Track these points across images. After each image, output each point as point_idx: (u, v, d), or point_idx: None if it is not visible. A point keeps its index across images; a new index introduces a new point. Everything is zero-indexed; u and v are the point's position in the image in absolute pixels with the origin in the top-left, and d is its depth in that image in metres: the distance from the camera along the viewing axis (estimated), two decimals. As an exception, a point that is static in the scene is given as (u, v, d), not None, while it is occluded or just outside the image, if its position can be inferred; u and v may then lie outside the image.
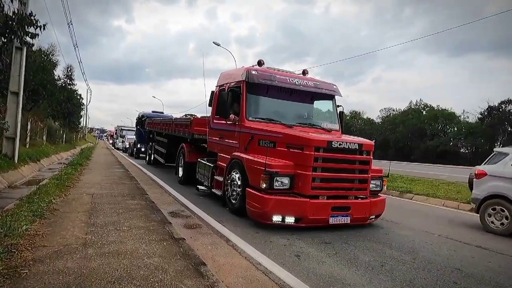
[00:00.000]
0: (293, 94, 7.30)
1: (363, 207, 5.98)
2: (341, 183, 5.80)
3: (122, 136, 36.01)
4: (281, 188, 5.56)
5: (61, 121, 31.76)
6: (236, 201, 6.44)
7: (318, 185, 5.57)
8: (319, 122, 7.46)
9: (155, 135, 16.19)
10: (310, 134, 6.03)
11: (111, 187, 8.41)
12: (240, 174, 6.39)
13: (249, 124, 6.66)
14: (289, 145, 5.82)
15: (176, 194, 8.47)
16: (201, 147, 10.35)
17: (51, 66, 30.63)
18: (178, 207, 6.93)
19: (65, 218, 4.98)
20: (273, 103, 7.28)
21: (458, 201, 10.68)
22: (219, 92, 8.21)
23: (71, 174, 9.99)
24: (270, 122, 6.80)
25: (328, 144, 5.60)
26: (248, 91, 6.91)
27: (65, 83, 37.22)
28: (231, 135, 7.19)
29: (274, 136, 6.02)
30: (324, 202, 5.60)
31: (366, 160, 5.99)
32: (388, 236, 5.77)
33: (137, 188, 8.67)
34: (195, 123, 9.71)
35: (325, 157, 5.58)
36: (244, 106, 6.82)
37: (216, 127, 8.01)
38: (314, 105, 7.94)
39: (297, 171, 5.61)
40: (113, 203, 6.41)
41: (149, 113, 23.12)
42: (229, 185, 6.72)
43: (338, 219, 5.71)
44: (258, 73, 6.89)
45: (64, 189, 7.36)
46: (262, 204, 5.48)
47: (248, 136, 6.54)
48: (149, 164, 17.03)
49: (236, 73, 7.47)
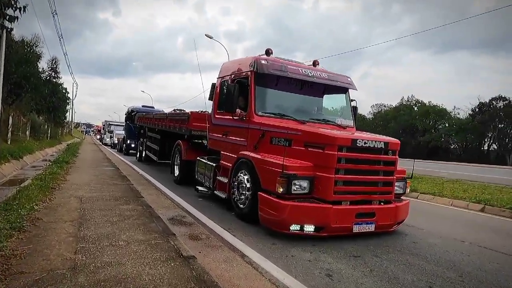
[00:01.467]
0: (305, 87, 6.62)
1: (389, 212, 5.37)
2: (365, 187, 5.16)
3: (110, 132, 34.80)
4: (300, 193, 4.89)
5: (45, 115, 30.46)
6: (245, 206, 5.76)
7: (341, 189, 4.92)
8: (333, 118, 6.82)
9: (146, 131, 15.34)
10: (333, 131, 5.37)
11: (102, 189, 7.62)
12: (249, 176, 5.70)
13: (259, 119, 5.96)
14: (307, 143, 5.15)
15: (174, 196, 7.73)
16: (200, 144, 9.63)
17: (35, 58, 29.22)
18: (178, 212, 6.21)
19: (50, 230, 4.21)
20: (283, 97, 6.60)
21: (467, 201, 10.20)
22: (221, 84, 7.48)
23: (57, 173, 9.13)
24: (282, 117, 6.12)
25: (352, 142, 4.94)
26: (257, 83, 6.20)
27: (49, 76, 35.73)
28: (237, 132, 6.48)
29: (290, 134, 5.33)
30: (348, 208, 4.95)
31: (392, 160, 5.37)
32: (417, 245, 5.16)
33: (130, 189, 7.89)
34: (193, 118, 8.95)
35: (349, 158, 4.93)
36: (253, 100, 6.11)
37: (219, 123, 7.29)
38: (324, 99, 7.28)
39: (317, 173, 4.94)
40: (105, 208, 5.64)
41: (139, 107, 22.23)
42: (236, 188, 6.03)
43: (362, 227, 5.07)
44: (268, 63, 6.18)
45: (48, 192, 6.55)
46: (278, 210, 4.81)
47: (258, 133, 5.84)
48: (140, 161, 16.19)
49: (242, 63, 6.74)
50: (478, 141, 45.96)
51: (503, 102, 42.27)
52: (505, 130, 42.82)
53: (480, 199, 9.86)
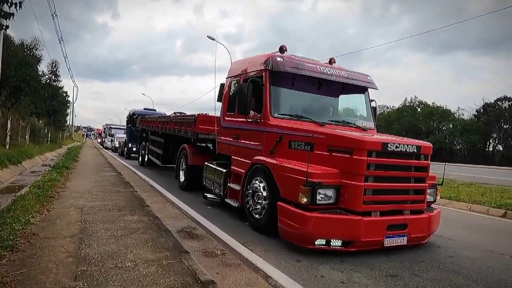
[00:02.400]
0: (322, 86, 6.13)
1: (422, 223, 4.86)
2: (396, 195, 4.67)
3: (111, 135, 34.28)
4: (325, 203, 4.39)
5: (45, 119, 30.04)
6: (261, 216, 5.26)
7: (371, 198, 4.42)
8: (353, 120, 6.33)
9: (149, 134, 14.84)
10: (361, 134, 4.88)
11: (104, 197, 7.12)
12: (265, 183, 5.21)
13: (276, 122, 5.46)
14: (332, 148, 4.65)
15: (181, 204, 7.23)
16: (207, 148, 9.14)
17: (35, 61, 28.85)
18: (187, 222, 5.71)
19: (47, 248, 3.71)
20: (299, 97, 6.11)
21: (486, 205, 9.72)
22: (230, 84, 7.00)
23: (56, 180, 8.63)
24: (299, 119, 5.63)
25: (383, 146, 4.45)
26: (272, 82, 5.72)
27: (50, 79, 35.36)
28: (250, 135, 5.99)
29: (312, 137, 4.83)
30: (379, 220, 4.45)
31: (425, 166, 4.87)
32: (455, 260, 4.65)
33: (134, 197, 7.40)
34: (200, 120, 8.46)
35: (379, 163, 4.44)
36: (268, 100, 5.62)
37: (229, 126, 6.79)
38: (339, 99, 6.79)
39: (343, 181, 4.45)
40: (108, 220, 5.15)
41: (141, 110, 21.74)
42: (250, 196, 5.53)
43: (394, 240, 4.57)
44: (284, 60, 5.70)
45: (46, 201, 6.05)
46: (302, 223, 4.31)
47: (275, 137, 5.35)
48: (142, 165, 15.68)
49: (254, 61, 6.26)
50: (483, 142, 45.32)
51: (508, 103, 41.81)
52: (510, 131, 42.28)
53: (501, 204, 9.39)
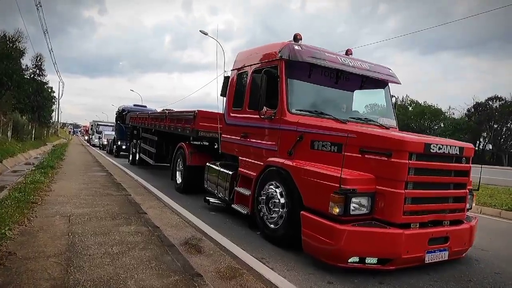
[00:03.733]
0: (340, 79, 5.49)
1: (463, 235, 4.27)
2: (436, 204, 4.06)
3: (98, 132, 33.12)
4: (358, 214, 3.76)
5: (29, 115, 28.71)
6: (278, 227, 4.60)
7: (411, 208, 3.80)
8: (375, 117, 5.72)
9: (140, 131, 14.02)
10: (401, 134, 4.26)
11: (94, 202, 6.35)
12: (283, 189, 4.55)
13: (294, 118, 4.80)
14: (365, 149, 4.01)
15: (181, 209, 6.51)
16: (207, 147, 8.43)
17: (17, 54, 27.55)
18: (191, 232, 5.01)
19: (25, 274, 2.97)
20: (317, 91, 5.47)
21: (498, 208, 9.33)
22: (237, 77, 6.31)
23: (40, 181, 7.80)
24: (318, 116, 4.99)
25: (425, 148, 3.83)
26: (288, 74, 5.06)
27: (34, 74, 33.93)
28: (262, 134, 5.32)
29: (340, 136, 4.19)
30: (421, 233, 3.83)
31: (466, 170, 4.28)
32: (503, 277, 4.09)
33: (128, 201, 6.65)
34: (200, 117, 7.73)
35: (419, 167, 3.82)
36: (285, 94, 4.95)
37: (236, 123, 6.10)
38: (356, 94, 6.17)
39: (379, 188, 3.82)
40: (101, 232, 4.41)
41: (131, 106, 20.87)
42: (264, 203, 4.87)
43: (436, 256, 3.96)
44: (302, 49, 5.04)
45: (28, 208, 5.27)
46: (332, 237, 3.66)
47: (294, 136, 4.69)
48: (133, 164, 14.82)
49: (266, 51, 5.57)
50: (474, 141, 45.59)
51: (499, 102, 42.11)
52: (500, 130, 42.62)
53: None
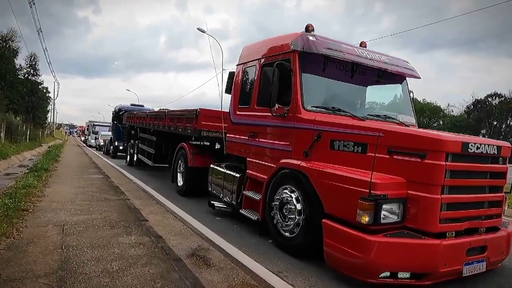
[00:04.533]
0: (356, 73, 5.07)
1: (501, 243, 3.86)
2: (472, 210, 3.65)
3: (95, 133, 32.59)
4: (389, 222, 3.35)
5: (23, 115, 28.09)
6: (294, 236, 4.18)
7: (447, 215, 3.39)
8: (393, 114, 5.30)
9: (138, 131, 13.55)
10: (436, 132, 3.85)
11: (91, 208, 5.90)
12: (300, 194, 4.13)
13: (311, 116, 4.37)
14: (394, 149, 3.59)
15: (184, 214, 6.07)
16: (210, 147, 8.00)
17: (11, 54, 26.93)
18: (197, 241, 4.58)
19: (10, 301, 2.54)
20: (332, 86, 5.05)
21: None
22: (243, 72, 5.89)
23: (32, 186, 7.33)
24: (334, 113, 4.57)
25: (463, 148, 3.42)
26: (302, 68, 4.63)
27: (28, 74, 33.27)
28: (274, 133, 4.89)
29: (365, 135, 3.77)
30: (459, 243, 3.42)
31: (503, 171, 3.87)
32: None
33: (127, 207, 6.20)
34: (203, 116, 7.30)
35: (456, 169, 3.41)
36: (299, 90, 4.52)
37: (242, 122, 5.67)
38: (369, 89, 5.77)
39: (411, 193, 3.41)
40: (98, 245, 3.97)
41: (128, 106, 20.35)
42: (277, 209, 4.45)
43: (473, 268, 3.55)
44: (317, 40, 4.62)
45: (17, 217, 4.81)
46: (361, 250, 3.24)
47: (311, 135, 4.26)
48: (131, 165, 14.36)
49: (277, 43, 5.14)
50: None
51: (498, 99, 41.97)
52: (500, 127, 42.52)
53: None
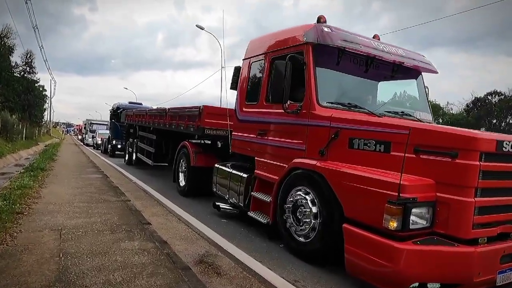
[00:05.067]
0: (371, 67, 4.77)
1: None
2: (504, 213, 3.38)
3: (92, 131, 32.14)
4: (418, 228, 3.07)
5: (19, 114, 27.66)
6: (309, 241, 3.90)
7: (481, 219, 3.11)
8: (411, 111, 5.02)
9: (137, 130, 13.21)
10: (466, 129, 3.57)
11: (90, 210, 5.59)
12: (315, 196, 3.85)
13: (326, 112, 4.08)
14: (422, 148, 3.29)
15: (188, 217, 5.78)
16: (213, 146, 7.70)
17: (6, 51, 26.49)
18: (205, 246, 4.29)
19: (0, 321, 2.24)
20: (346, 81, 4.77)
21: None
22: (250, 67, 5.59)
23: (28, 186, 7.00)
24: (350, 109, 4.29)
25: (498, 146, 3.14)
26: (316, 61, 4.33)
27: (24, 72, 32.81)
28: (286, 131, 4.59)
29: (389, 133, 3.49)
30: (493, 249, 3.14)
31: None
32: None
33: (128, 208, 5.90)
34: (206, 113, 6.99)
35: (490, 170, 3.13)
36: (313, 84, 4.23)
37: (250, 119, 5.38)
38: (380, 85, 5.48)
39: (440, 195, 3.13)
40: (99, 252, 3.66)
41: (126, 104, 20.01)
42: (290, 212, 4.16)
43: (507, 276, 3.26)
44: (332, 31, 4.32)
45: (11, 221, 4.49)
46: (389, 259, 2.95)
47: (327, 133, 3.97)
48: (130, 164, 14.04)
49: (287, 35, 4.84)
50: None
51: (498, 97, 41.77)
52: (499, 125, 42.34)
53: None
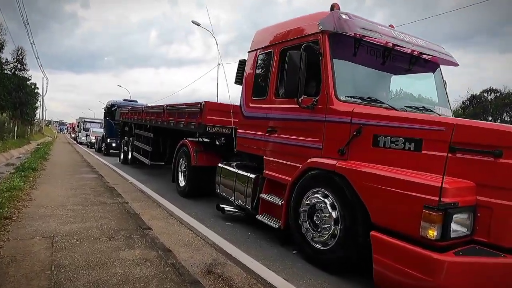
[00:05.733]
0: (388, 59, 4.43)
1: None
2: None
3: (86, 129, 31.49)
4: (459, 236, 2.73)
5: (10, 112, 26.96)
6: (328, 248, 3.55)
7: (526, 225, 2.79)
8: (431, 106, 4.69)
9: (133, 128, 12.77)
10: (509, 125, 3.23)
11: (85, 214, 5.18)
12: (336, 200, 3.49)
13: (346, 107, 3.72)
14: (459, 146, 2.94)
15: (190, 220, 5.40)
16: (213, 144, 7.32)
17: (-4, 47, 25.78)
18: (211, 253, 3.92)
19: None
20: (363, 73, 4.42)
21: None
22: (256, 59, 5.22)
23: (18, 188, 6.56)
24: (370, 104, 3.94)
25: (544, 143, 2.81)
26: (334, 52, 3.97)
27: (15, 69, 32.04)
28: (299, 128, 4.22)
29: (420, 129, 3.13)
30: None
31: None
32: None
33: (126, 212, 5.49)
34: (208, 109, 6.59)
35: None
36: (331, 77, 3.86)
37: (257, 115, 5.00)
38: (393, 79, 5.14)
39: (481, 199, 2.79)
40: (96, 263, 3.27)
41: (120, 101, 19.53)
42: (306, 216, 3.80)
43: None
44: (351, 18, 3.96)
45: (-2, 228, 4.09)
46: (429, 272, 2.60)
47: (347, 130, 3.61)
48: (125, 163, 13.58)
49: (300, 24, 4.46)
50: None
51: (494, 94, 41.85)
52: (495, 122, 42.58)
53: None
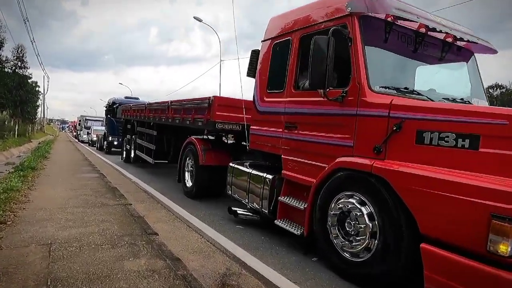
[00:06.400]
0: (420, 47, 3.98)
1: None
2: None
3: (87, 128, 31.16)
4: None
5: (11, 110, 26.59)
6: (361, 261, 3.11)
7: None
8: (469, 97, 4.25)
9: (136, 125, 12.35)
10: None
11: (86, 217, 4.76)
12: (373, 205, 3.05)
13: (382, 99, 3.27)
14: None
15: (199, 223, 4.99)
16: (222, 142, 6.89)
17: (-4, 44, 25.38)
18: (224, 261, 3.49)
19: None
20: (395, 61, 3.97)
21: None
22: (272, 49, 4.77)
23: (15, 189, 6.15)
24: (404, 95, 3.50)
25: None
26: (365, 38, 3.51)
27: (15, 66, 31.66)
28: (326, 123, 3.78)
29: (476, 123, 2.69)
30: None
31: None
32: None
33: (130, 214, 5.06)
34: (217, 105, 6.14)
35: None
36: (363, 65, 3.41)
37: (274, 110, 4.56)
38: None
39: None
40: (98, 276, 2.84)
41: (122, 99, 19.14)
42: (335, 224, 3.37)
43: None
44: (386, 0, 3.52)
45: (-11, 234, 3.66)
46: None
47: (385, 124, 3.16)
48: (128, 162, 13.16)
49: (323, 6, 4.01)
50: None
51: (500, 90, 41.26)
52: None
53: None
